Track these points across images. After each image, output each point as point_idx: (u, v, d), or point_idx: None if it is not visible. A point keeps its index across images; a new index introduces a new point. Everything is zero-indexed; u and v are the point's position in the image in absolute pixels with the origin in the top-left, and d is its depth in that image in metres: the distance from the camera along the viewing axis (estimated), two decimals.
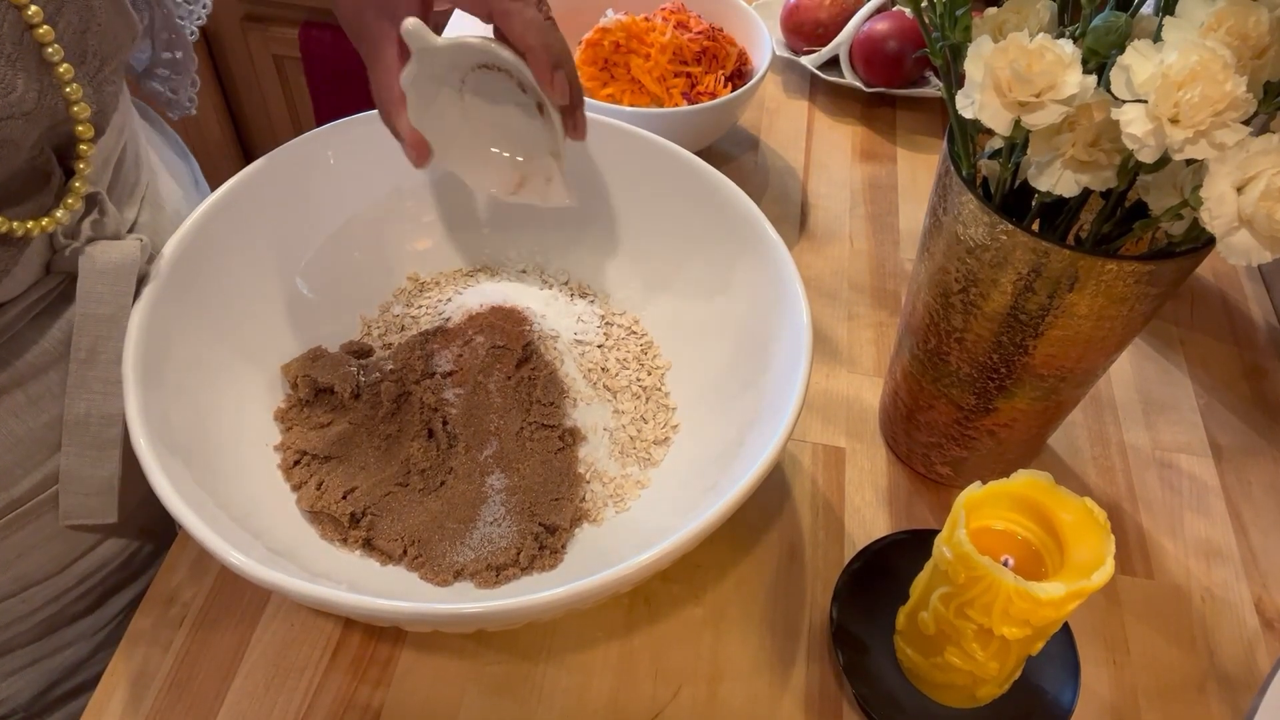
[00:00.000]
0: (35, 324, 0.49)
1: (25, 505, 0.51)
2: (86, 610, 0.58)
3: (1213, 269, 0.74)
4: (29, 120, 0.40)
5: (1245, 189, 0.35)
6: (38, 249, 0.46)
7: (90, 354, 0.47)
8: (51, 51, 0.40)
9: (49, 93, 0.41)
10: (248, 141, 1.66)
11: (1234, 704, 0.50)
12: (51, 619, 0.56)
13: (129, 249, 0.47)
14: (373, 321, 0.61)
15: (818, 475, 0.59)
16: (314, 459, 0.52)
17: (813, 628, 0.52)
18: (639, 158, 0.59)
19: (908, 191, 0.79)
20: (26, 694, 0.58)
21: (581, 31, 0.76)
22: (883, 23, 0.84)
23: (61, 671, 0.58)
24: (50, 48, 0.40)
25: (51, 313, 0.49)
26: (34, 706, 0.58)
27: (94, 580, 0.57)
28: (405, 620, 0.40)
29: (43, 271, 0.48)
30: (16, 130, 0.40)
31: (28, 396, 0.49)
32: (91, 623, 0.59)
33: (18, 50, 0.39)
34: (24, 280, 0.46)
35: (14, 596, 0.53)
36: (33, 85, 0.40)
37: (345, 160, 0.59)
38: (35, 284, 0.47)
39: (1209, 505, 0.59)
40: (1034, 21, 0.43)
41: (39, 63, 0.40)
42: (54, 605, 0.56)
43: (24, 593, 0.54)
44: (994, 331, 0.47)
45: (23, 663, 0.57)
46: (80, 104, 0.42)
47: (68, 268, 0.47)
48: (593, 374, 0.57)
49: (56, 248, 0.47)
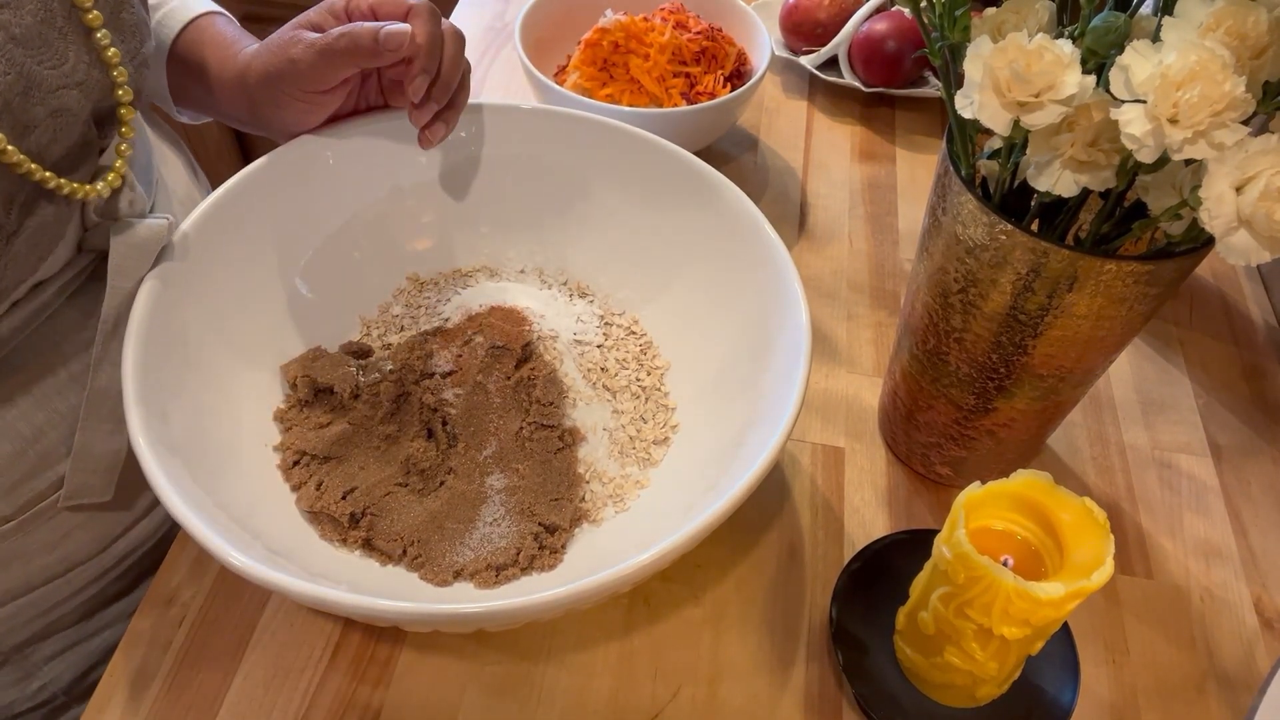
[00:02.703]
0: (72, 303, 0.50)
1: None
2: (122, 592, 0.59)
3: (1212, 269, 0.74)
4: (82, 91, 0.43)
5: (1244, 189, 0.35)
6: (73, 226, 0.48)
7: (115, 325, 0.48)
8: (92, 18, 0.43)
9: (96, 66, 0.44)
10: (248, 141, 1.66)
11: (1234, 704, 0.50)
12: (92, 600, 0.58)
13: (157, 226, 0.48)
14: (372, 321, 0.61)
15: (817, 475, 0.59)
16: (314, 459, 0.52)
17: (812, 628, 0.52)
18: (639, 158, 0.59)
19: (907, 191, 0.79)
20: (67, 677, 0.59)
21: (581, 31, 0.76)
22: (882, 23, 0.84)
23: (100, 653, 0.60)
24: (94, 17, 0.43)
25: (86, 291, 0.51)
26: (74, 690, 0.59)
27: (129, 561, 0.58)
28: (405, 620, 0.40)
29: (75, 250, 0.49)
30: (73, 100, 0.43)
31: (69, 374, 0.51)
32: (126, 605, 0.60)
33: (67, 23, 0.42)
34: (62, 257, 0.48)
35: (60, 578, 0.54)
36: (82, 58, 0.43)
37: (345, 160, 0.59)
38: (69, 263, 0.49)
39: (1208, 505, 0.59)
40: (1033, 21, 0.43)
41: (86, 35, 0.44)
42: (95, 585, 0.57)
43: (69, 574, 0.55)
44: (993, 331, 0.47)
45: (63, 645, 0.58)
46: (121, 69, 0.45)
47: (98, 245, 0.49)
48: (592, 374, 0.57)
49: (88, 225, 0.49)
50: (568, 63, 0.77)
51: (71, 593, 0.56)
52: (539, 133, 0.61)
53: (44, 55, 0.41)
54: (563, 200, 0.63)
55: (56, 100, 0.42)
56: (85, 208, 0.48)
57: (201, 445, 0.47)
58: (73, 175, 0.45)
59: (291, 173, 0.57)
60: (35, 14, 0.40)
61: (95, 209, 0.48)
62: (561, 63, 0.79)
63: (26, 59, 0.40)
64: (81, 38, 0.43)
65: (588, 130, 0.60)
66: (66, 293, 0.50)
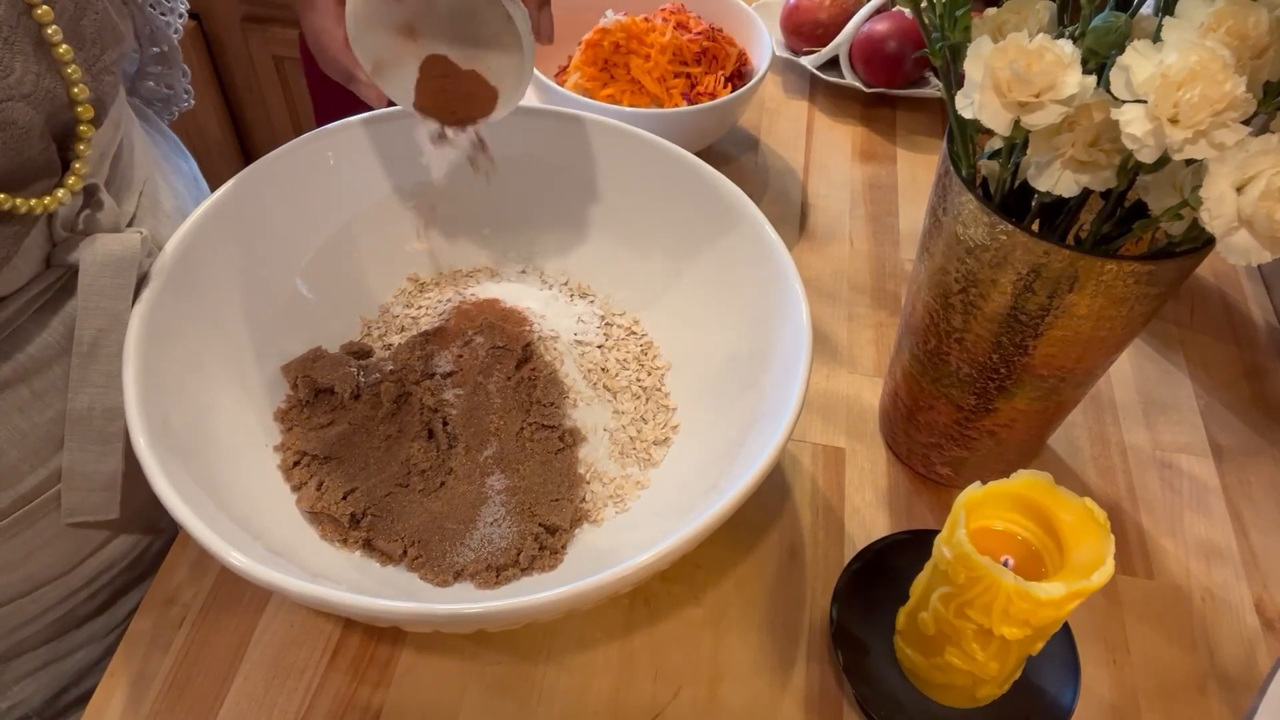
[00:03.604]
0: (37, 318, 0.49)
1: (32, 502, 0.51)
2: (96, 611, 0.58)
3: (1213, 269, 0.74)
4: (31, 104, 0.41)
5: (1245, 189, 0.35)
6: (37, 240, 0.46)
7: (92, 347, 0.47)
8: (51, 32, 0.41)
9: (47, 76, 0.41)
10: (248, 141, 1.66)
11: (1234, 704, 0.50)
12: (62, 620, 0.56)
13: (130, 241, 0.47)
14: (373, 322, 0.61)
15: (818, 475, 0.59)
16: (314, 459, 0.52)
17: (813, 628, 0.52)
18: (639, 158, 0.59)
19: (907, 192, 0.79)
20: (39, 698, 0.58)
21: (581, 32, 0.76)
22: (882, 23, 0.84)
23: (73, 675, 0.59)
24: (50, 28, 0.41)
25: (53, 307, 0.50)
26: (46, 711, 0.58)
27: (103, 580, 0.57)
28: (405, 620, 0.40)
29: (43, 265, 0.48)
30: (20, 113, 0.40)
31: (32, 391, 0.49)
32: (102, 624, 0.59)
33: (14, 33, 0.39)
34: (25, 273, 0.47)
35: (24, 597, 0.53)
36: (31, 68, 0.40)
37: (345, 160, 0.59)
38: (36, 278, 0.48)
39: (1209, 505, 0.59)
40: (1033, 22, 0.43)
41: (37, 44, 0.41)
42: (64, 606, 0.56)
43: (34, 593, 0.54)
44: (994, 332, 0.47)
45: (34, 665, 0.57)
46: (80, 85, 0.43)
47: (67, 260, 0.47)
48: (592, 374, 0.57)
49: (56, 240, 0.47)
50: (568, 63, 0.77)
51: (39, 612, 0.55)
52: (540, 133, 0.61)
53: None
54: (563, 201, 0.63)
55: (1, 114, 0.39)
56: (52, 221, 0.46)
57: (202, 446, 0.47)
58: (28, 190, 0.43)
59: (292, 173, 0.57)
60: None
61: (63, 223, 0.46)
62: (562, 63, 0.79)
63: None
64: (32, 48, 0.41)
65: (588, 131, 0.60)
66: (33, 308, 0.48)
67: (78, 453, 0.49)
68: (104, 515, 0.51)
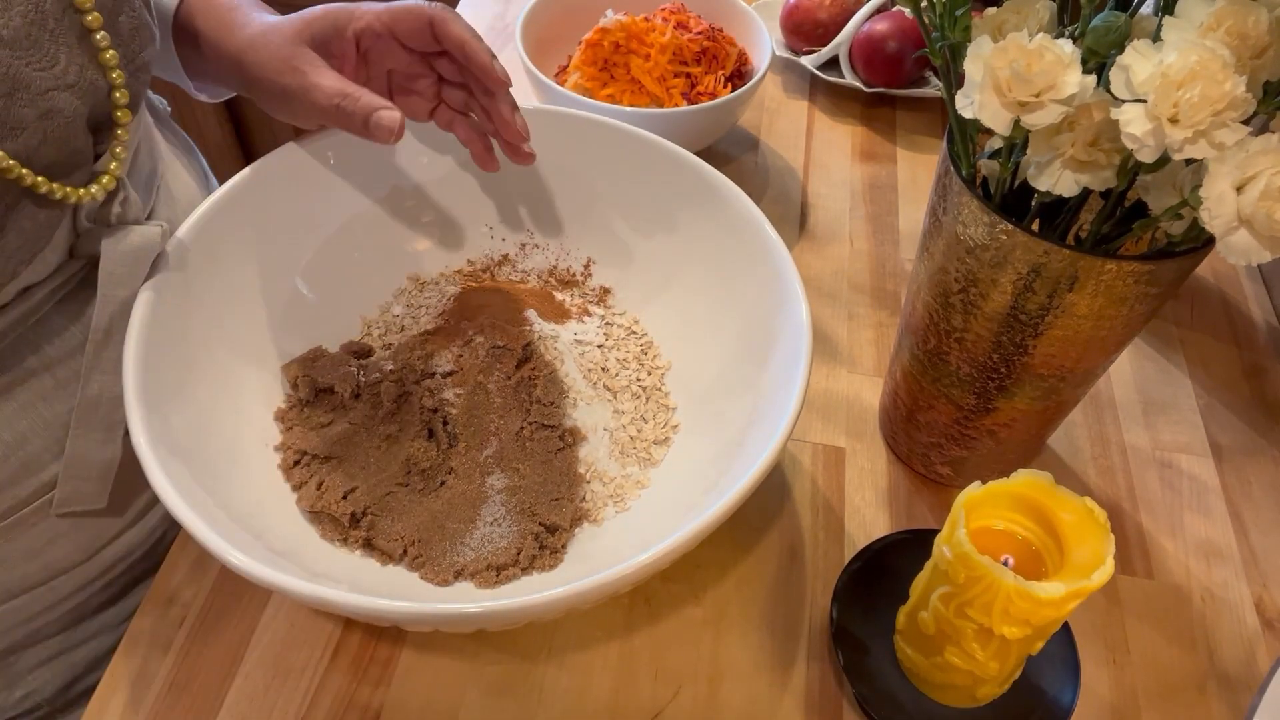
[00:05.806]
0: (61, 308, 0.50)
1: (53, 491, 0.51)
2: (109, 601, 0.59)
3: (1213, 269, 0.74)
4: (75, 94, 0.43)
5: (1245, 189, 0.35)
6: (63, 231, 0.47)
7: (106, 334, 0.48)
8: (91, 20, 0.43)
9: (90, 68, 0.44)
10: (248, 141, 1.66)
11: (1234, 704, 0.50)
12: (77, 608, 0.57)
13: (150, 233, 0.48)
14: (373, 321, 0.61)
15: (818, 475, 0.59)
16: (314, 459, 0.52)
17: (813, 628, 0.52)
18: (639, 158, 0.59)
19: (907, 192, 0.79)
20: (51, 687, 0.58)
21: (581, 32, 0.76)
22: (882, 23, 0.84)
23: (85, 665, 0.59)
24: (90, 16, 0.43)
25: (76, 297, 0.51)
26: (58, 700, 0.59)
27: (118, 570, 0.58)
28: (405, 620, 0.40)
29: (66, 255, 0.49)
30: (64, 103, 0.42)
31: (55, 380, 0.50)
32: (114, 614, 0.60)
33: (60, 25, 0.42)
34: (51, 262, 0.48)
35: (42, 585, 0.54)
36: (75, 59, 0.43)
37: (345, 160, 0.59)
38: (60, 268, 0.49)
39: (1209, 505, 0.59)
40: (1033, 21, 0.43)
41: (80, 36, 0.43)
42: (80, 595, 0.57)
43: (52, 581, 0.54)
44: (994, 331, 0.47)
45: (48, 654, 0.57)
46: (119, 74, 0.45)
47: (89, 251, 0.49)
48: (593, 374, 0.57)
49: (80, 231, 0.48)
50: (568, 63, 0.77)
51: (55, 601, 0.55)
52: (540, 133, 0.60)
53: (32, 57, 0.41)
54: (563, 200, 0.63)
55: (46, 102, 0.41)
56: (77, 212, 0.47)
57: (202, 445, 0.47)
58: (66, 179, 0.44)
59: (292, 173, 0.57)
60: (24, 15, 0.40)
61: (88, 214, 0.47)
62: (562, 63, 0.79)
63: (13, 60, 0.40)
64: (75, 40, 0.43)
65: (588, 130, 0.60)
66: (56, 298, 0.49)
67: (82, 439, 0.49)
68: (92, 505, 0.52)
